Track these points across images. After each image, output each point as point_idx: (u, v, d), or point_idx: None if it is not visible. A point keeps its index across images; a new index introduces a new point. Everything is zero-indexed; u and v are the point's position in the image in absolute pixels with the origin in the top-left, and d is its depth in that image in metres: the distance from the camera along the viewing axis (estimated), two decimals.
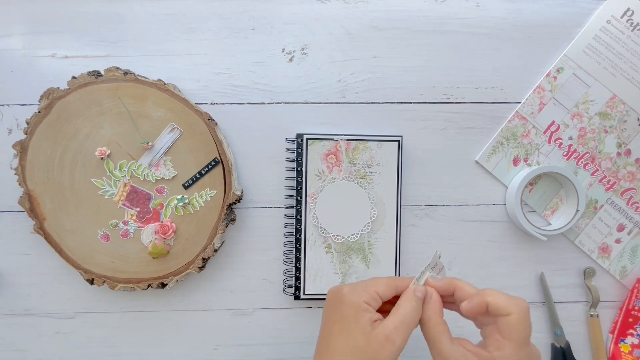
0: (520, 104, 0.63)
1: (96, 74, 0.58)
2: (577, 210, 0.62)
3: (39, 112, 0.57)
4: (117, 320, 0.62)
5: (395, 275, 0.61)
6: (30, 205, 0.57)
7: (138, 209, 0.58)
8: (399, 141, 0.60)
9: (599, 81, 0.63)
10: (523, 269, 0.64)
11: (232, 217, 0.60)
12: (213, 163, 0.59)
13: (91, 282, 0.59)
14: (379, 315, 0.41)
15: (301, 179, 0.60)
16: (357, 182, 0.60)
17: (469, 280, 0.64)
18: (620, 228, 0.65)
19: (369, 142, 0.60)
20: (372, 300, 0.41)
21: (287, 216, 0.62)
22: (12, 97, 0.60)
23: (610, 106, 0.63)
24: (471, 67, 0.63)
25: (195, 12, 0.61)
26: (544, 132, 0.63)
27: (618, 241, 0.65)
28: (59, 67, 0.60)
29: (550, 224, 0.64)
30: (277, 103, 0.62)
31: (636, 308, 0.64)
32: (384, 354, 0.37)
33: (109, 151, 0.57)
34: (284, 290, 0.62)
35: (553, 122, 0.63)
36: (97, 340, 0.62)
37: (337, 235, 0.60)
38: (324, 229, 0.60)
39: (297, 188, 0.60)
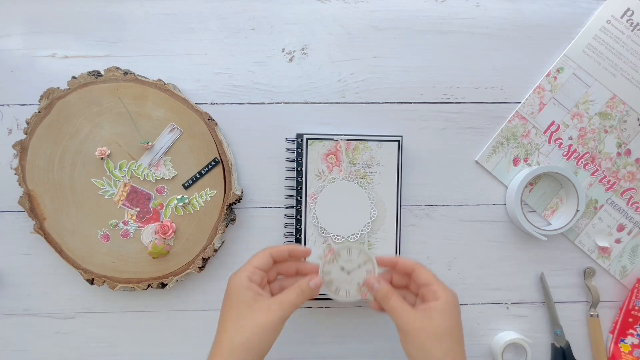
0: (520, 104, 0.63)
1: (96, 74, 0.58)
2: (577, 210, 0.62)
3: (39, 112, 0.57)
4: (117, 320, 0.62)
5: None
6: (30, 205, 0.57)
7: (138, 209, 0.58)
8: (399, 141, 0.60)
9: (599, 81, 0.63)
10: (523, 269, 0.64)
11: (232, 217, 0.60)
12: (213, 163, 0.59)
13: (91, 282, 0.59)
14: (262, 292, 0.48)
15: (301, 179, 0.60)
16: (357, 182, 0.60)
17: (469, 280, 0.64)
18: (620, 228, 0.65)
19: (369, 142, 0.60)
20: (253, 275, 0.48)
21: (287, 216, 0.62)
22: (12, 97, 0.60)
23: (610, 106, 0.63)
24: (471, 67, 0.63)
25: (195, 12, 0.61)
26: (544, 132, 0.63)
27: (618, 241, 0.65)
28: (59, 67, 0.60)
29: (550, 224, 0.64)
30: (277, 103, 0.62)
31: (636, 308, 0.64)
32: (266, 319, 0.45)
33: (109, 151, 0.57)
34: None
35: (553, 122, 0.63)
36: (97, 340, 0.62)
37: (337, 235, 0.60)
38: (324, 229, 0.60)
39: (297, 188, 0.60)
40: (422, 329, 0.46)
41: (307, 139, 0.59)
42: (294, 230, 0.60)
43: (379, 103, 0.62)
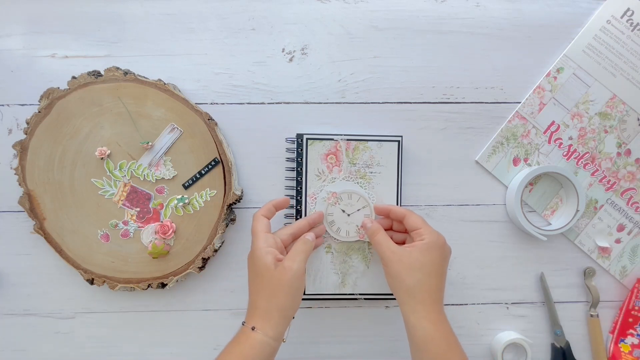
0: (520, 104, 0.63)
1: (96, 74, 0.58)
2: (577, 210, 0.62)
3: (39, 112, 0.57)
4: (117, 320, 0.62)
5: None
6: (30, 205, 0.57)
7: (138, 209, 0.58)
8: (399, 141, 0.60)
9: (599, 81, 0.63)
10: (523, 269, 0.64)
11: (232, 217, 0.60)
12: (213, 163, 0.59)
13: (91, 282, 0.59)
14: (281, 256, 0.51)
15: (301, 179, 0.60)
16: (357, 182, 0.60)
17: (469, 280, 0.64)
18: (620, 228, 0.65)
19: (369, 142, 0.60)
20: (266, 239, 0.52)
21: (287, 216, 0.62)
22: (12, 97, 0.60)
23: (610, 106, 0.63)
24: (471, 67, 0.63)
25: (195, 12, 0.61)
26: (544, 132, 0.63)
27: (618, 241, 0.65)
28: (59, 67, 0.60)
29: (550, 224, 0.64)
30: (277, 103, 0.62)
31: (636, 308, 0.64)
32: (286, 278, 0.49)
33: (109, 151, 0.57)
34: None
35: (553, 122, 0.63)
36: (97, 340, 0.62)
37: (337, 235, 0.60)
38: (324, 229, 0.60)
39: (297, 188, 0.60)
40: (399, 261, 0.51)
41: (307, 139, 0.59)
42: None
43: (379, 103, 0.62)
